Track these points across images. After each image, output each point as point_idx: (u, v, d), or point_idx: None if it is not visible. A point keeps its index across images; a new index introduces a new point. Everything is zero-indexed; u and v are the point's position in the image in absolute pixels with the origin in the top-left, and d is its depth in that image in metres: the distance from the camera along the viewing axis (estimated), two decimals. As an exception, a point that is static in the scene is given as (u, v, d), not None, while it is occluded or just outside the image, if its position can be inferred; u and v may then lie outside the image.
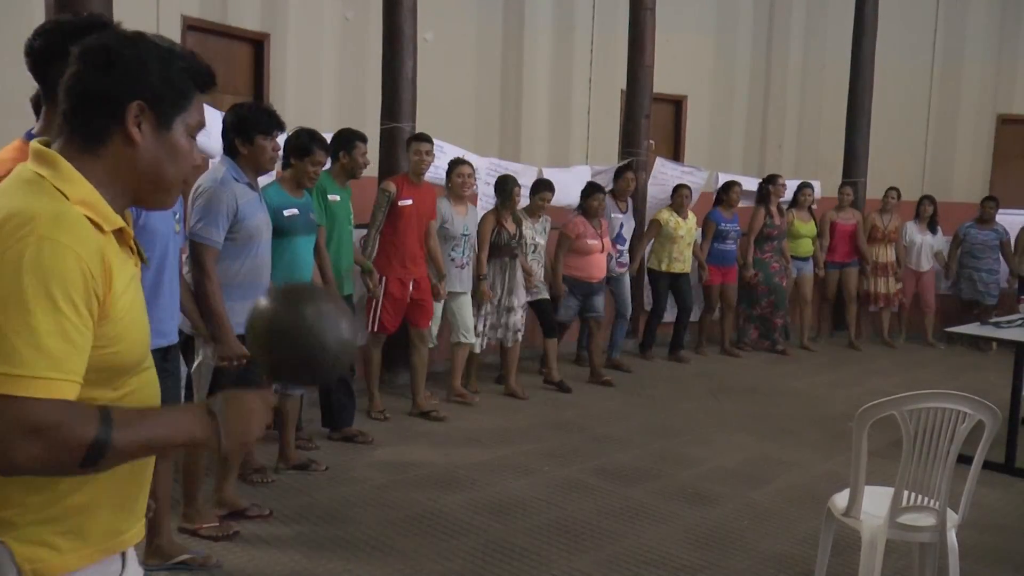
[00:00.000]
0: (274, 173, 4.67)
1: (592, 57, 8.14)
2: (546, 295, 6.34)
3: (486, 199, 6.41)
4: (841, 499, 2.98)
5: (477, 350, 5.93)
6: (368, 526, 3.71)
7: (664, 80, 7.81)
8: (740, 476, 4.58)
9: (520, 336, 6.07)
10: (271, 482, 4.13)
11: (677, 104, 9.11)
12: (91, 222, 1.26)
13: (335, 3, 6.98)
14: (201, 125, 1.41)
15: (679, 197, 7.30)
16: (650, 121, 7.56)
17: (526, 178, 6.55)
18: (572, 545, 3.61)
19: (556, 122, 8.29)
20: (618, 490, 4.29)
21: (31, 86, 2.09)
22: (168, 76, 1.33)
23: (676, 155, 8.99)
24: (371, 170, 4.80)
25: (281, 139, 3.61)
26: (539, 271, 6.28)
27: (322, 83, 6.89)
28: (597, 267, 6.49)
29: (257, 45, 6.59)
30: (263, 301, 1.53)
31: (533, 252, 6.22)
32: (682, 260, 7.32)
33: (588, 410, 5.83)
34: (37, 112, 2.36)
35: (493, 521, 3.83)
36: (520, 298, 6.03)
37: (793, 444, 5.22)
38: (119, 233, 1.33)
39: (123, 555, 1.41)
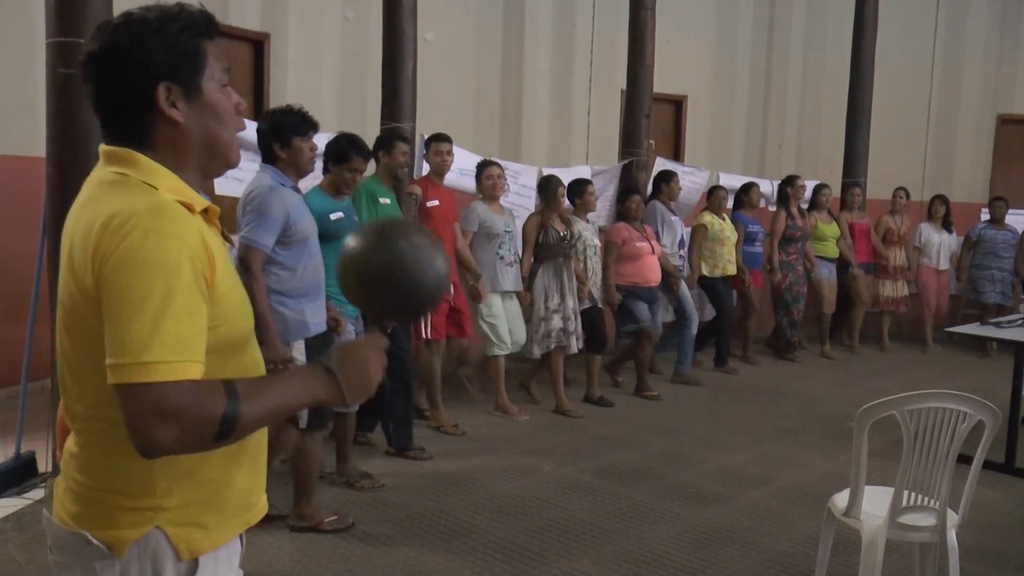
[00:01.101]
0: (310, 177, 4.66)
1: (592, 57, 8.13)
2: (598, 304, 6.08)
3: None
4: (841, 499, 2.98)
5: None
6: (369, 526, 3.72)
7: (664, 80, 7.81)
8: (740, 476, 4.58)
9: (572, 345, 5.73)
10: (382, 486, 4.14)
11: (677, 104, 9.11)
12: (184, 206, 1.29)
13: (335, 3, 6.97)
14: (227, 69, 1.40)
15: (716, 199, 7.18)
16: (650, 121, 7.54)
17: (527, 178, 6.54)
18: (572, 545, 3.61)
19: (556, 122, 8.29)
20: (618, 490, 4.29)
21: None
22: (173, 44, 1.31)
23: (676, 155, 8.98)
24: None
25: (317, 139, 3.63)
26: (599, 272, 6.10)
27: (322, 83, 6.89)
28: (651, 269, 6.30)
29: (257, 45, 6.59)
30: (352, 243, 1.48)
31: (594, 254, 6.06)
32: (732, 263, 7.16)
33: (588, 410, 5.82)
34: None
35: (493, 521, 3.83)
36: (574, 302, 5.78)
37: (793, 444, 5.22)
38: (205, 214, 1.36)
39: (240, 536, 1.46)
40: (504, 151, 7.64)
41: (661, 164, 7.80)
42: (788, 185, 7.69)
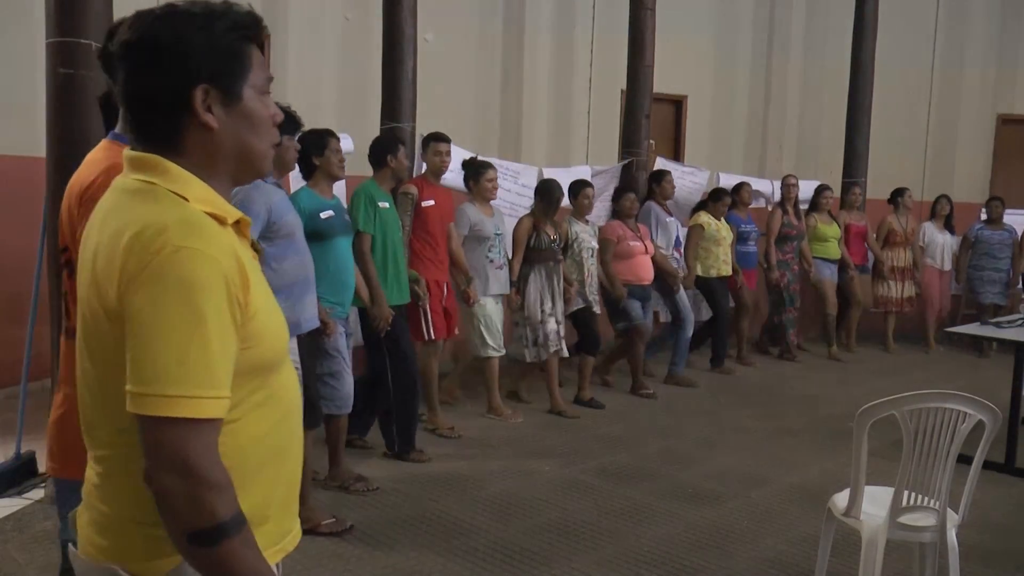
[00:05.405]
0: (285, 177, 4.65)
1: (592, 57, 8.12)
2: (592, 307, 6.01)
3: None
4: (841, 499, 2.98)
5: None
6: (369, 526, 3.72)
7: (664, 80, 7.80)
8: (740, 476, 4.58)
9: (563, 349, 5.71)
10: (376, 489, 4.12)
11: (677, 104, 9.10)
12: (214, 218, 1.20)
13: (335, 3, 6.97)
14: (269, 78, 1.31)
15: (720, 202, 7.14)
16: (650, 121, 7.54)
17: (527, 178, 6.53)
18: (572, 545, 3.61)
19: (556, 122, 8.28)
20: (618, 490, 4.29)
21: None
22: (217, 44, 1.22)
23: (676, 155, 8.97)
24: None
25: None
26: (596, 274, 6.04)
27: (322, 83, 6.88)
28: (644, 268, 6.32)
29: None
30: None
31: (591, 256, 6.01)
32: (728, 263, 7.16)
33: (588, 410, 5.82)
34: (104, 112, 2.32)
35: (493, 521, 3.83)
36: (559, 307, 5.72)
37: (793, 444, 5.22)
38: (236, 225, 1.27)
39: (277, 565, 1.34)
40: (504, 151, 7.64)
41: (661, 164, 7.81)
42: (783, 184, 7.74)
